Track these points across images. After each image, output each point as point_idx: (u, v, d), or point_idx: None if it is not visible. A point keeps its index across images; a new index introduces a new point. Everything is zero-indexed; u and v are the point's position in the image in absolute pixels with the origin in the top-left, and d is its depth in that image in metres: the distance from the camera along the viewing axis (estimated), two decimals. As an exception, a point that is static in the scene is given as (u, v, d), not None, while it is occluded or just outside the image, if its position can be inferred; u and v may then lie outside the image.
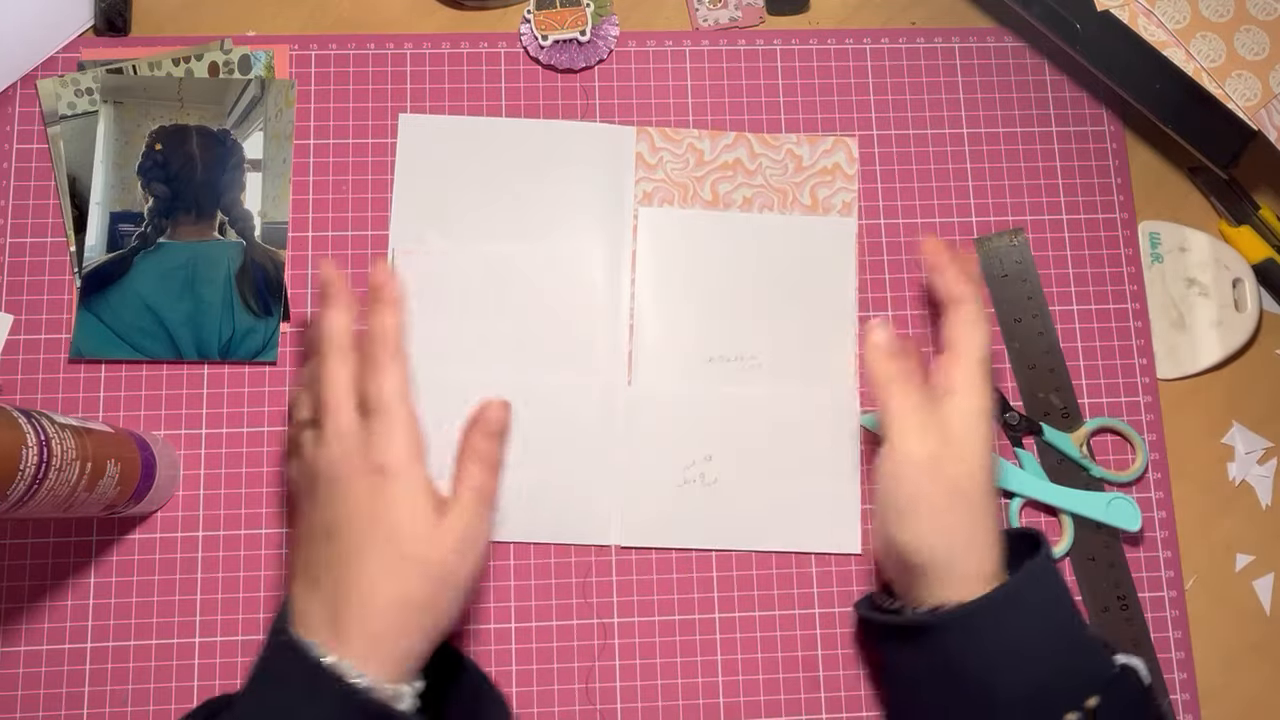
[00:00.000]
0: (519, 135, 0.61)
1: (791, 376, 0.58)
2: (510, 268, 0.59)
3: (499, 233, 0.59)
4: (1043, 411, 0.59)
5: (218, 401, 0.57)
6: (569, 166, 0.60)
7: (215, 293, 0.58)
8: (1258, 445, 0.61)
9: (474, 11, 0.63)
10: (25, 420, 0.43)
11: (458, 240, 0.59)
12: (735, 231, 0.60)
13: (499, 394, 0.49)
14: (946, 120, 0.63)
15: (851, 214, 0.61)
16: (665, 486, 0.57)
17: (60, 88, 0.59)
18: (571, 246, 0.59)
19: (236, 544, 0.56)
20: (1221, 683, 0.58)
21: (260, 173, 0.60)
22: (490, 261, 0.59)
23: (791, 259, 0.60)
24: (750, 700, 0.56)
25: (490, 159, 0.60)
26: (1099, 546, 0.58)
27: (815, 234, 0.60)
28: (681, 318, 0.59)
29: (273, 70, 0.61)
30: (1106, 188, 0.63)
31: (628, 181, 0.60)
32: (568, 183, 0.60)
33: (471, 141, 0.60)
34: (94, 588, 0.55)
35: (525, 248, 0.59)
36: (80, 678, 0.54)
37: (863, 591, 0.57)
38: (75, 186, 0.59)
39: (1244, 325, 0.61)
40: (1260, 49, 0.57)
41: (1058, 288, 0.61)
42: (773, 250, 0.60)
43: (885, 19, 0.64)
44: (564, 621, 0.56)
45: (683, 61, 0.63)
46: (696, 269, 0.59)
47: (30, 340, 0.57)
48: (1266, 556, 0.59)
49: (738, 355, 0.58)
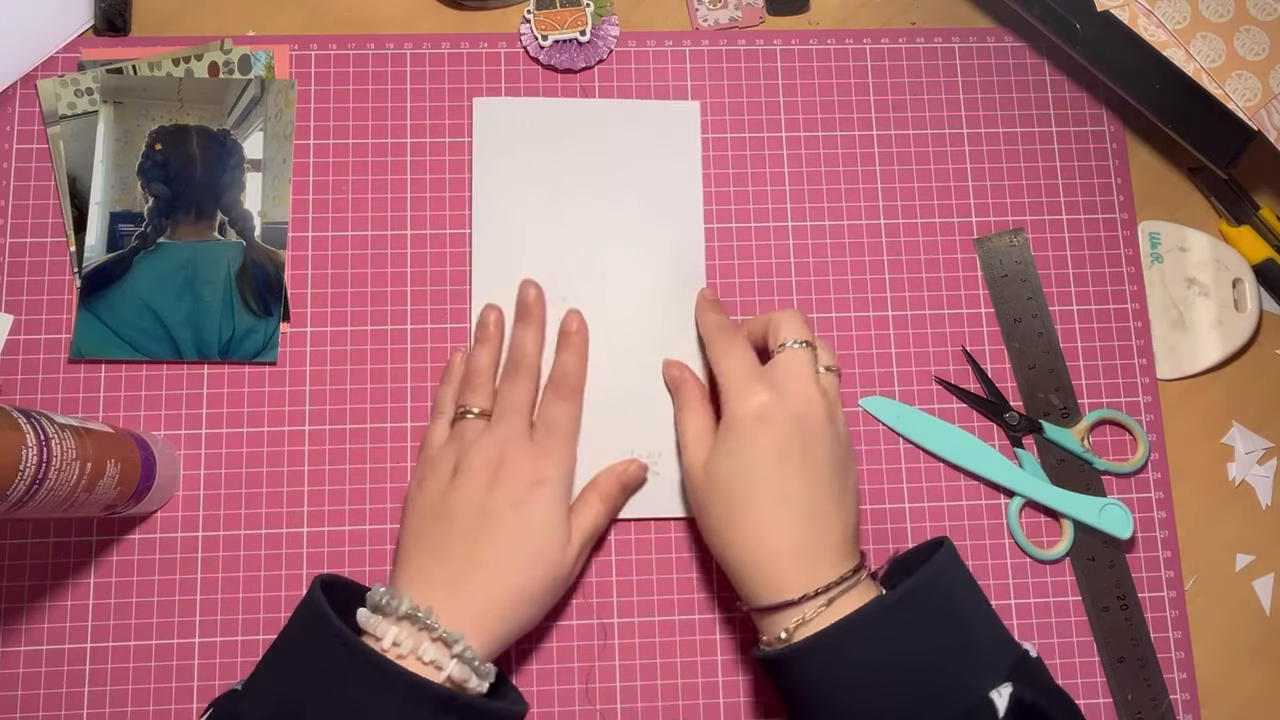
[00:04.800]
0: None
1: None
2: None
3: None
4: (1042, 412, 0.59)
5: (218, 401, 0.57)
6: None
7: (215, 293, 0.58)
8: (1258, 445, 0.61)
9: (474, 11, 0.63)
10: (25, 420, 0.43)
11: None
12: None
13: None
14: (946, 120, 0.63)
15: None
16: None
17: (60, 88, 0.59)
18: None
19: (236, 544, 0.56)
20: (1221, 683, 0.58)
21: (260, 173, 0.60)
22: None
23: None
24: (750, 700, 0.56)
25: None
26: (1099, 546, 0.58)
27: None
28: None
29: (273, 70, 0.61)
30: (1106, 188, 0.63)
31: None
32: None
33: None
34: (94, 588, 0.55)
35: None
36: (80, 678, 0.54)
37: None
38: (75, 186, 0.59)
39: (1244, 325, 0.61)
40: (1260, 49, 0.57)
41: (1058, 288, 0.61)
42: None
43: (885, 19, 0.64)
44: (564, 621, 0.56)
45: (683, 61, 0.63)
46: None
47: (30, 340, 0.57)
48: (1266, 556, 0.59)
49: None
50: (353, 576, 0.56)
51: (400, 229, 0.60)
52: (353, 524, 0.56)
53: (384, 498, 0.57)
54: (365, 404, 0.58)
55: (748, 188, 0.61)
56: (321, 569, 0.56)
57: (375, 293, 0.59)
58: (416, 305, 0.59)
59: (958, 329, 0.60)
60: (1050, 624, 0.57)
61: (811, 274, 0.60)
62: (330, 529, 0.56)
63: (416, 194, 0.60)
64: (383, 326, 0.59)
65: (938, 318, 0.60)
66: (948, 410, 0.59)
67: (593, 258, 0.60)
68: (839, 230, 0.61)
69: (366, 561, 0.56)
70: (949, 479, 0.59)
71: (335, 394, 0.58)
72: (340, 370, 0.58)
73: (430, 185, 0.60)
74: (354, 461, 0.57)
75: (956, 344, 0.60)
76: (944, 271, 0.61)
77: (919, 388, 0.60)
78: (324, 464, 0.57)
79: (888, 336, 0.60)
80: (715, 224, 0.61)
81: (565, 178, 0.60)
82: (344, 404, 0.58)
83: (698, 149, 0.61)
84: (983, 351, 0.60)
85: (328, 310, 0.59)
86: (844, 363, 0.60)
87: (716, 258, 0.60)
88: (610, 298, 0.59)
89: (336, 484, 0.57)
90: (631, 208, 0.60)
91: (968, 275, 0.61)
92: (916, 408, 0.59)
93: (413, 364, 0.58)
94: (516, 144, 0.60)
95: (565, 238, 0.60)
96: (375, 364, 0.58)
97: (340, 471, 0.57)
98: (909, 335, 0.60)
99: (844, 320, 0.60)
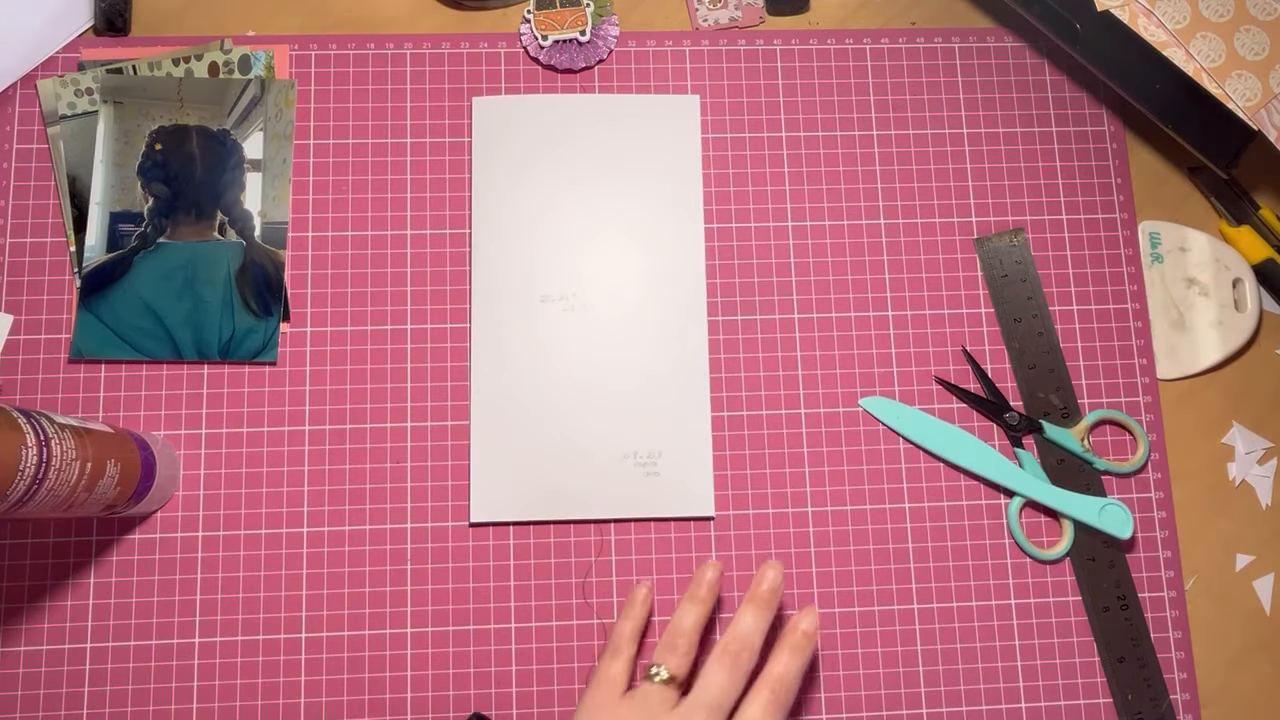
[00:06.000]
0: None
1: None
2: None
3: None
4: (1042, 412, 0.59)
5: (218, 401, 0.57)
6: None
7: (215, 293, 0.58)
8: (1258, 445, 0.61)
9: (474, 11, 0.63)
10: (25, 420, 0.43)
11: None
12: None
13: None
14: (946, 120, 0.63)
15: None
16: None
17: (60, 88, 0.59)
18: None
19: (236, 544, 0.56)
20: (1221, 683, 0.58)
21: (260, 173, 0.60)
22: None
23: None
24: (750, 700, 0.56)
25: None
26: (1099, 546, 0.58)
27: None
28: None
29: (273, 70, 0.61)
30: (1106, 188, 0.63)
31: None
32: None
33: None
34: (94, 588, 0.55)
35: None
36: (80, 678, 0.54)
37: (855, 592, 0.57)
38: (75, 186, 0.59)
39: (1244, 325, 0.61)
40: (1260, 49, 0.57)
41: (1058, 288, 0.61)
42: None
43: (885, 19, 0.64)
44: (564, 622, 0.56)
45: (683, 61, 0.63)
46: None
47: (30, 340, 0.57)
48: (1266, 556, 0.59)
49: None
50: (351, 576, 0.56)
51: (400, 229, 0.60)
52: (353, 524, 0.56)
53: (384, 498, 0.57)
54: (365, 404, 0.58)
55: (748, 187, 0.61)
56: (321, 569, 0.56)
57: (375, 293, 0.59)
58: (416, 305, 0.59)
59: (958, 329, 0.60)
60: (1050, 624, 0.57)
61: (811, 274, 0.61)
62: (330, 529, 0.56)
63: (416, 194, 0.60)
64: (383, 326, 0.59)
65: (938, 318, 0.60)
66: (948, 410, 0.59)
67: (593, 257, 0.60)
68: (839, 230, 0.61)
69: (366, 562, 0.56)
70: (949, 479, 0.59)
71: (335, 394, 0.58)
72: (340, 370, 0.58)
73: (430, 185, 0.60)
74: (354, 461, 0.57)
75: (956, 344, 0.60)
76: (944, 271, 0.61)
77: (919, 388, 0.60)
78: (324, 464, 0.57)
79: (888, 336, 0.60)
80: (715, 224, 0.61)
81: (566, 175, 0.60)
82: (344, 404, 0.58)
83: (698, 143, 0.61)
84: (983, 351, 0.60)
85: (328, 310, 0.59)
86: (844, 363, 0.60)
87: (716, 257, 0.60)
88: (611, 297, 0.59)
89: (336, 484, 0.57)
90: (632, 205, 0.60)
91: (968, 275, 0.61)
92: (916, 408, 0.59)
93: (413, 364, 0.58)
94: (516, 143, 0.61)
95: (566, 237, 0.60)
96: (375, 364, 0.58)
97: (340, 471, 0.57)
98: (909, 335, 0.60)
99: (844, 320, 0.60)
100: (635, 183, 0.60)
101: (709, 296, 0.60)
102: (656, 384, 0.58)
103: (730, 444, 0.58)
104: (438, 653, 0.55)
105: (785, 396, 0.59)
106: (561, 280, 0.59)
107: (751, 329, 0.60)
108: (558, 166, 0.60)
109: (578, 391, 0.58)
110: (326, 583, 0.56)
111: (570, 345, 0.58)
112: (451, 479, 0.57)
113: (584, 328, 0.59)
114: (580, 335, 0.59)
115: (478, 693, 0.55)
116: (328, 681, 0.55)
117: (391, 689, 0.55)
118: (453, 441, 0.58)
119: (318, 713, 0.55)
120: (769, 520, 0.58)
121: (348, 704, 0.55)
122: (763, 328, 0.60)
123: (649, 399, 0.58)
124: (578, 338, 0.59)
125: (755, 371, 0.59)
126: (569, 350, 0.58)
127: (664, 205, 0.60)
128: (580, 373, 0.58)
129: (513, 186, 0.60)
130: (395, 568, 0.56)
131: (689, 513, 0.57)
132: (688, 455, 0.57)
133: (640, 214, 0.60)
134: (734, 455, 0.58)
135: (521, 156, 0.60)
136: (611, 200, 0.60)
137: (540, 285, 0.59)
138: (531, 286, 0.59)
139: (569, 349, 0.58)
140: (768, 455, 0.58)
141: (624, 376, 0.58)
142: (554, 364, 0.58)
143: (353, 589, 0.56)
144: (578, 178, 0.60)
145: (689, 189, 0.61)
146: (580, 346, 0.58)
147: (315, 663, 0.55)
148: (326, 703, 0.55)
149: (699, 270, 0.60)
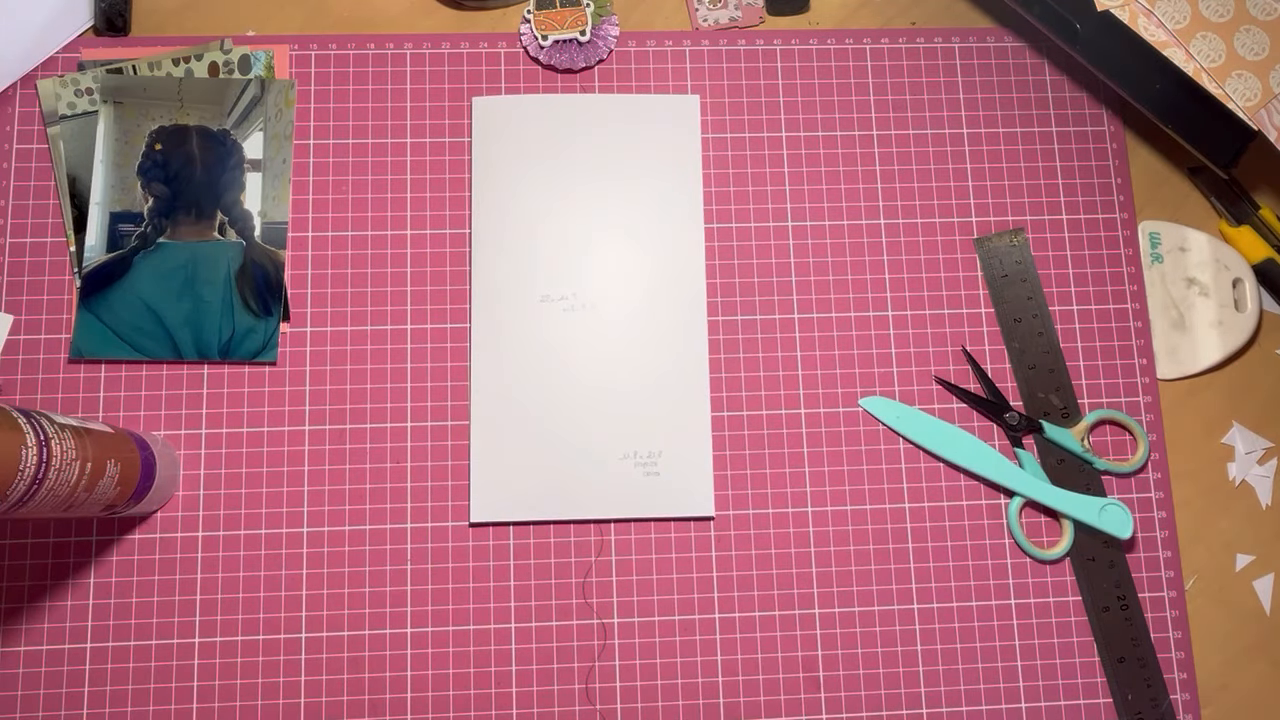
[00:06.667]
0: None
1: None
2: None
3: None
4: (1042, 411, 0.59)
5: (218, 401, 0.57)
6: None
7: (215, 293, 0.58)
8: (1258, 445, 0.61)
9: (474, 11, 0.63)
10: (25, 420, 0.43)
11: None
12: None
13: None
14: (946, 120, 0.63)
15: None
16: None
17: (60, 88, 0.59)
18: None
19: (236, 544, 0.56)
20: (1221, 683, 0.58)
21: (260, 173, 0.60)
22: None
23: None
24: (750, 700, 0.56)
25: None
26: (1099, 546, 0.58)
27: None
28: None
29: (273, 70, 0.61)
30: (1106, 188, 0.63)
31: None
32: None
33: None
34: (94, 588, 0.55)
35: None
36: (80, 678, 0.54)
37: (856, 591, 0.57)
38: (75, 186, 0.59)
39: (1244, 325, 0.61)
40: (1260, 49, 0.57)
41: (1058, 288, 0.61)
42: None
43: (885, 19, 0.64)
44: (564, 622, 0.56)
45: (683, 61, 0.63)
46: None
47: (30, 340, 0.57)
48: (1266, 556, 0.59)
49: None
50: (351, 576, 0.56)
51: (400, 229, 0.60)
52: (353, 524, 0.56)
53: (384, 498, 0.57)
54: (365, 404, 0.58)
55: (748, 187, 0.61)
56: (321, 569, 0.56)
57: (375, 293, 0.59)
58: (416, 305, 0.59)
59: (958, 329, 0.60)
60: (1050, 624, 0.57)
61: (811, 274, 0.61)
62: (330, 529, 0.56)
63: (416, 194, 0.60)
64: (383, 326, 0.59)
65: (938, 318, 0.60)
66: (948, 410, 0.59)
67: (593, 256, 0.60)
68: (839, 230, 0.61)
69: (366, 562, 0.56)
70: (949, 479, 0.59)
71: (335, 394, 0.58)
72: (340, 370, 0.58)
73: (430, 185, 0.60)
74: (354, 461, 0.57)
75: (956, 344, 0.60)
76: (944, 271, 0.61)
77: (919, 388, 0.60)
78: (324, 464, 0.57)
79: (888, 336, 0.60)
80: (715, 224, 0.61)
81: (566, 175, 0.60)
82: (344, 404, 0.58)
83: (698, 143, 0.61)
84: (983, 351, 0.60)
85: (328, 310, 0.59)
86: (844, 363, 0.60)
87: (716, 257, 0.60)
88: (611, 297, 0.59)
89: (336, 484, 0.57)
90: (632, 205, 0.60)
91: (968, 275, 0.61)
92: (916, 408, 0.59)
93: (413, 364, 0.58)
94: (516, 143, 0.61)
95: (566, 236, 0.60)
96: (375, 364, 0.58)
97: (340, 471, 0.57)
98: (909, 335, 0.60)
99: (844, 320, 0.60)
100: (635, 183, 0.60)
101: (709, 296, 0.60)
102: (656, 384, 0.58)
103: (730, 444, 0.58)
104: (438, 653, 0.55)
105: (785, 396, 0.59)
106: (561, 280, 0.59)
107: (751, 329, 0.60)
108: (558, 166, 0.60)
109: (578, 391, 0.58)
110: (326, 583, 0.56)
111: (570, 345, 0.59)
112: (451, 479, 0.57)
113: (584, 328, 0.59)
114: (580, 335, 0.59)
115: (477, 693, 0.55)
116: (328, 681, 0.55)
117: (391, 689, 0.55)
118: (453, 441, 0.58)
119: (318, 713, 0.55)
120: (769, 520, 0.58)
121: (348, 704, 0.55)
122: (763, 328, 0.60)
123: (649, 399, 0.58)
124: (578, 338, 0.59)
125: (755, 371, 0.59)
126: (569, 350, 0.58)
127: (664, 205, 0.60)
128: (580, 373, 0.58)
129: (512, 186, 0.60)
130: (395, 568, 0.56)
131: (689, 513, 0.57)
132: (688, 455, 0.58)
133: (640, 214, 0.60)
134: (734, 455, 0.58)
135: (521, 156, 0.60)
136: (611, 200, 0.60)
137: (540, 285, 0.59)
138: (531, 286, 0.59)
139: (569, 349, 0.58)
140: (768, 455, 0.58)
141: (624, 376, 0.58)
142: (554, 364, 0.58)
143: (353, 589, 0.56)
144: (578, 178, 0.60)
145: (689, 189, 0.61)
146: (580, 346, 0.59)
147: (315, 663, 0.55)
148: (326, 703, 0.55)
149: (699, 270, 0.60)
